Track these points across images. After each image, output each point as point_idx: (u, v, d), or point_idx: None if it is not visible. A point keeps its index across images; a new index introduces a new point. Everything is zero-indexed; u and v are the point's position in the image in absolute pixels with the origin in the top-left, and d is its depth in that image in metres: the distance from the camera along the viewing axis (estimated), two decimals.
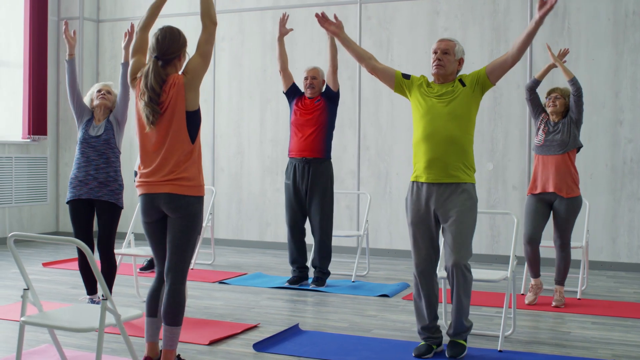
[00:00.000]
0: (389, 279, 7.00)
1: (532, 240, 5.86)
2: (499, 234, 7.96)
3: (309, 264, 6.68)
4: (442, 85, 4.43)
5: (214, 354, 4.37)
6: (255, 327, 5.03)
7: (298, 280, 6.54)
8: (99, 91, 5.24)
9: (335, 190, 7.87)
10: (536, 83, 6.01)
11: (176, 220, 3.73)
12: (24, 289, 3.43)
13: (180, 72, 3.78)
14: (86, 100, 5.28)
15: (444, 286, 4.84)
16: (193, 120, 3.72)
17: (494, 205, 7.96)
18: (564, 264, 5.82)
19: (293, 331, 4.86)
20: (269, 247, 8.91)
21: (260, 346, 4.50)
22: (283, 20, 6.56)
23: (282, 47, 6.59)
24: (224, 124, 9.27)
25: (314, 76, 6.52)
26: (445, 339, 4.60)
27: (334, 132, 8.48)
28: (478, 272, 4.76)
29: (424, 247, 4.40)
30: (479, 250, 7.99)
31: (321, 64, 8.67)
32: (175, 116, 3.69)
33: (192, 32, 9.58)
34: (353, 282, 6.76)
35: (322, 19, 4.73)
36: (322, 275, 6.55)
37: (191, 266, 7.46)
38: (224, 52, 9.26)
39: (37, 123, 9.22)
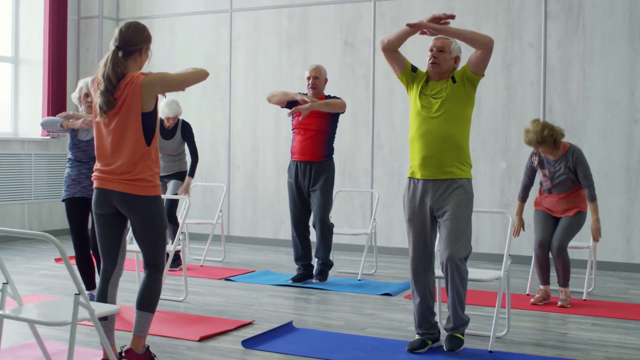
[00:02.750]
0: (396, 277, 6.96)
1: (543, 243, 5.79)
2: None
3: (314, 262, 6.70)
4: (437, 83, 4.43)
5: (202, 350, 4.39)
6: (249, 324, 5.04)
7: (302, 277, 6.54)
8: (86, 95, 5.23)
9: (346, 188, 7.88)
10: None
11: (138, 224, 3.73)
12: (3, 284, 3.48)
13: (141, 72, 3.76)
14: (74, 96, 5.31)
15: (438, 285, 4.80)
16: (148, 121, 3.69)
17: (507, 204, 7.88)
18: (563, 268, 5.74)
19: (286, 329, 4.86)
20: (283, 245, 8.91)
21: (249, 343, 4.51)
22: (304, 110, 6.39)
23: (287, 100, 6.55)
24: (239, 122, 9.30)
25: (315, 76, 6.48)
26: (443, 335, 4.60)
27: (347, 131, 8.50)
28: (472, 272, 4.71)
29: (418, 245, 4.44)
30: (492, 250, 7.91)
31: (336, 62, 8.69)
32: (132, 117, 3.65)
33: (209, 30, 9.73)
34: (359, 280, 6.74)
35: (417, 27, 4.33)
36: (325, 268, 6.55)
37: (201, 263, 7.52)
38: (240, 50, 9.29)
39: None
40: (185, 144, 7.18)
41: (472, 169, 7.88)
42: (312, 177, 6.47)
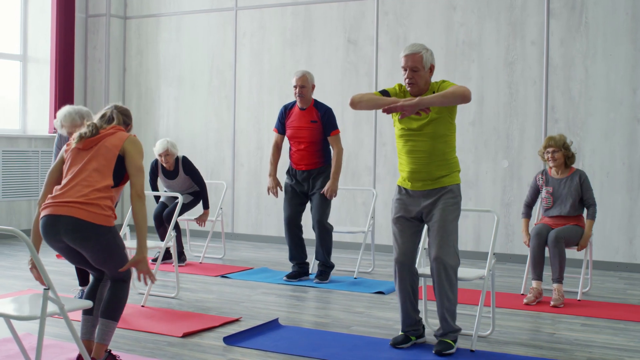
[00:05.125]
0: (392, 276, 6.92)
1: (540, 234, 5.83)
2: (513, 233, 7.82)
3: (308, 259, 6.71)
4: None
5: (183, 346, 4.41)
6: (236, 321, 5.06)
7: (297, 275, 6.55)
8: (69, 133, 5.15)
9: (346, 187, 7.87)
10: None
11: (94, 255, 3.62)
12: None
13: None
14: (56, 123, 5.17)
15: (424, 283, 4.79)
16: (122, 165, 3.74)
17: (509, 203, 7.83)
18: (559, 260, 5.72)
19: (270, 326, 4.87)
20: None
21: (231, 339, 4.52)
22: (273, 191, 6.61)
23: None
24: (244, 120, 9.33)
25: (302, 84, 6.42)
26: (430, 335, 4.65)
27: (350, 129, 8.49)
28: (459, 271, 4.68)
29: (403, 242, 4.43)
30: (494, 249, 7.85)
31: (339, 60, 8.68)
32: (107, 154, 3.71)
33: (214, 28, 9.76)
34: (355, 278, 6.74)
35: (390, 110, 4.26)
36: (326, 269, 6.55)
37: (200, 260, 7.55)
38: (245, 47, 9.32)
39: None
40: (191, 179, 7.32)
41: (474, 167, 7.91)
42: (311, 180, 6.51)
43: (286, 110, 6.57)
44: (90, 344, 3.85)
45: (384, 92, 4.43)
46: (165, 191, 7.33)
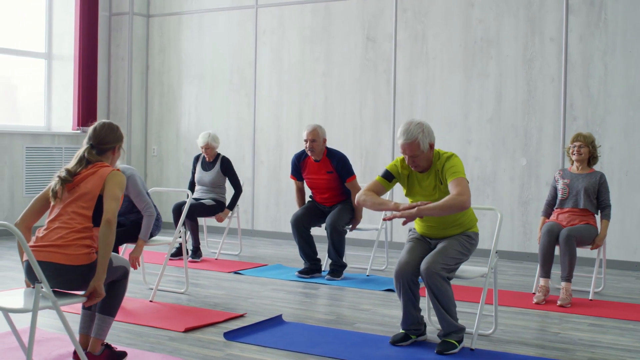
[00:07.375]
0: None
1: (551, 232, 5.78)
2: (530, 232, 7.75)
3: (319, 255, 6.74)
4: (423, 175, 4.46)
5: (183, 341, 4.45)
6: (240, 316, 5.09)
7: (309, 271, 6.59)
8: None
9: (362, 184, 7.86)
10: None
11: (83, 290, 3.60)
12: None
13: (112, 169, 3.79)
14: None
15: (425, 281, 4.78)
16: (101, 204, 3.68)
17: (527, 201, 7.76)
18: (569, 258, 5.65)
19: (273, 322, 4.89)
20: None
21: (231, 335, 4.55)
22: None
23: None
24: (263, 117, 9.37)
25: (313, 139, 6.43)
26: (430, 333, 4.65)
27: (368, 127, 8.48)
28: (459, 269, 4.65)
29: (410, 256, 4.43)
30: (511, 248, 7.81)
31: (357, 57, 8.67)
32: (87, 194, 3.67)
33: (235, 26, 9.79)
34: (367, 275, 6.74)
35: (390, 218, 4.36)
36: (338, 268, 6.56)
37: (216, 256, 7.61)
38: (265, 45, 9.36)
39: (87, 115, 9.55)
40: (226, 179, 7.58)
41: (492, 165, 7.86)
42: (332, 206, 6.68)
43: (299, 162, 6.65)
44: (88, 339, 3.91)
45: (387, 174, 4.51)
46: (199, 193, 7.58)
